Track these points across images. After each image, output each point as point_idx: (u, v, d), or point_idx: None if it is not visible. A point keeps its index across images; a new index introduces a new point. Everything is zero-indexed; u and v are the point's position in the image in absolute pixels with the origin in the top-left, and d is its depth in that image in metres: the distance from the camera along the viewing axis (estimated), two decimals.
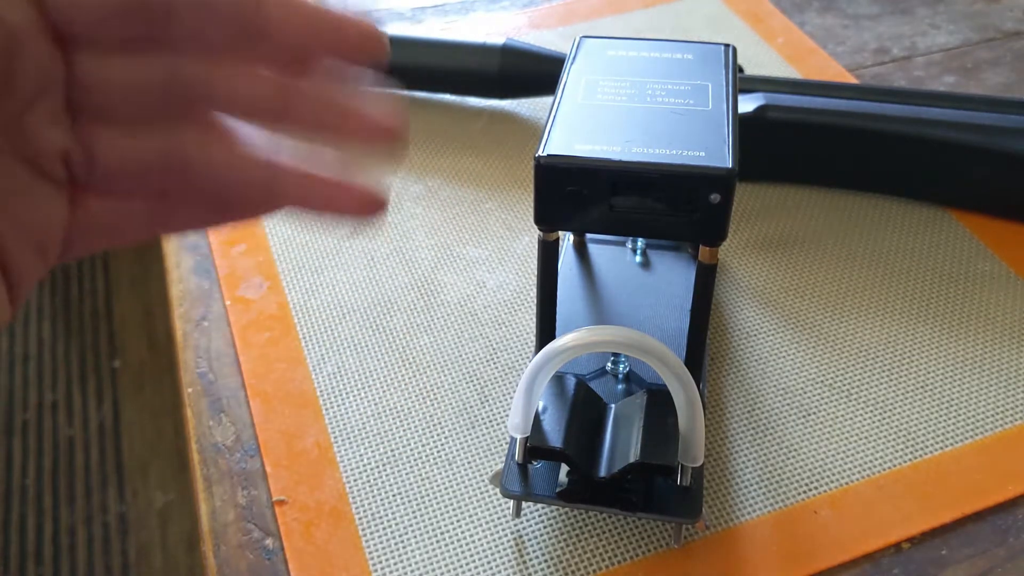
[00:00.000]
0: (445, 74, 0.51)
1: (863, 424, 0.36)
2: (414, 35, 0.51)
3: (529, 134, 0.51)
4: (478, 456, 0.35)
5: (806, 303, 0.41)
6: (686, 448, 0.29)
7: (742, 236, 0.44)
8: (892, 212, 0.45)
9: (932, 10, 0.60)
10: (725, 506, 0.33)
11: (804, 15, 0.60)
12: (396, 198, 0.47)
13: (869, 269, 0.43)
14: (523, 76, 0.49)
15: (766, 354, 0.39)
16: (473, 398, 0.37)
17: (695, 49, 0.35)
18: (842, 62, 0.55)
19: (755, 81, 0.46)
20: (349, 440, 0.36)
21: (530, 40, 0.57)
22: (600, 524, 0.33)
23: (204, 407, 0.38)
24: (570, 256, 0.40)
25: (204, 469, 0.35)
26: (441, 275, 0.43)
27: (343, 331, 0.40)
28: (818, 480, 0.34)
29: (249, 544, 0.33)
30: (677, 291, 0.38)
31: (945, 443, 0.35)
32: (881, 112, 0.43)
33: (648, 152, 0.29)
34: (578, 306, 0.37)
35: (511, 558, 0.32)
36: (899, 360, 0.39)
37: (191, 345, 0.40)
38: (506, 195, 0.47)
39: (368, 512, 0.34)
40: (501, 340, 0.40)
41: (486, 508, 0.34)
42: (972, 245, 0.43)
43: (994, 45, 0.57)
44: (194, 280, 0.43)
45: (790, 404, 0.37)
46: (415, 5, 0.61)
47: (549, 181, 0.29)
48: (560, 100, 0.32)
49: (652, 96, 0.32)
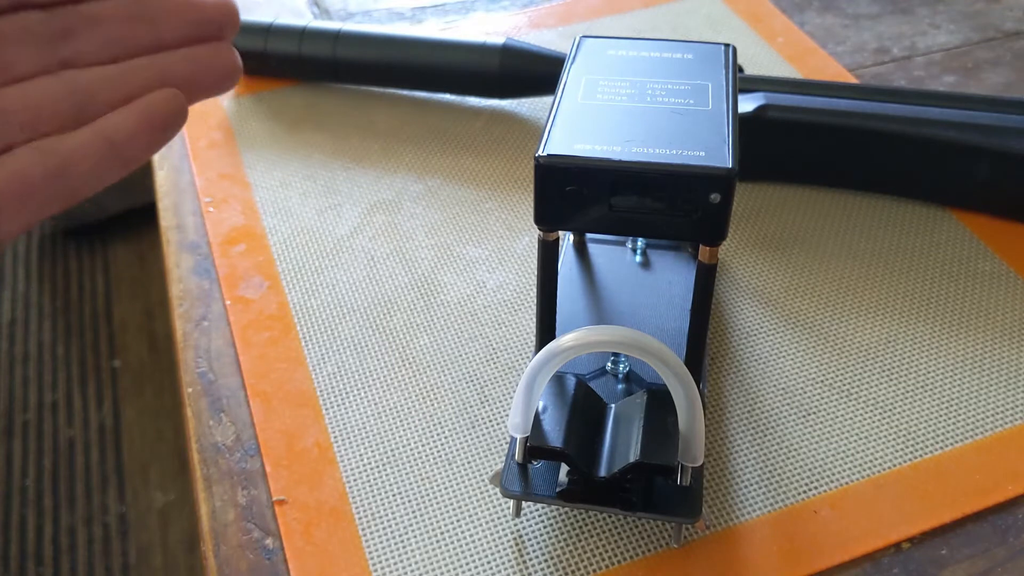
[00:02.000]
0: (445, 74, 0.51)
1: (863, 424, 0.36)
2: (414, 35, 0.51)
3: (529, 134, 0.51)
4: (478, 456, 0.35)
5: (806, 302, 0.41)
6: (686, 448, 0.29)
7: (742, 236, 0.44)
8: (892, 212, 0.45)
9: (932, 10, 0.60)
10: (725, 506, 0.33)
11: (804, 15, 0.60)
12: (396, 198, 0.47)
13: (869, 268, 0.43)
14: (523, 76, 0.49)
15: (766, 354, 0.39)
16: (473, 398, 0.37)
17: (695, 49, 0.35)
18: (842, 62, 0.55)
19: (755, 81, 0.46)
20: (349, 440, 0.36)
21: (530, 40, 0.57)
22: (600, 524, 0.33)
23: (204, 407, 0.38)
24: (570, 256, 0.40)
25: (204, 469, 0.35)
26: (441, 275, 0.43)
27: (343, 331, 0.40)
28: (818, 480, 0.34)
29: (249, 544, 0.33)
30: (677, 291, 0.38)
31: (945, 443, 0.35)
32: (881, 112, 0.43)
33: (648, 152, 0.29)
34: (578, 306, 0.37)
35: (511, 558, 0.32)
36: (899, 360, 0.39)
37: (191, 345, 0.40)
38: (506, 195, 0.47)
39: (368, 512, 0.34)
40: (501, 340, 0.40)
41: (486, 508, 0.34)
42: (972, 244, 0.43)
43: (994, 45, 0.57)
44: (194, 280, 0.43)
45: (790, 404, 0.37)
46: (415, 5, 0.61)
47: (549, 181, 0.29)
48: (560, 100, 0.32)
49: (652, 96, 0.32)
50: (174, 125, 0.28)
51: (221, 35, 0.29)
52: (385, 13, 0.61)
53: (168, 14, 0.28)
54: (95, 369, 1.34)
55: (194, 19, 0.28)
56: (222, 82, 0.29)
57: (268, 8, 0.62)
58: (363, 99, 0.53)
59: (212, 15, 0.28)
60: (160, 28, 0.28)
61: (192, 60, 0.28)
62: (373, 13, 0.61)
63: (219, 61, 0.29)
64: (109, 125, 0.27)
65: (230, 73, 0.29)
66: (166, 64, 0.28)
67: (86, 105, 0.27)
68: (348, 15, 0.61)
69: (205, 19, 0.28)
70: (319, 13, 0.62)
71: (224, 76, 0.29)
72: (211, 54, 0.28)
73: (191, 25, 0.28)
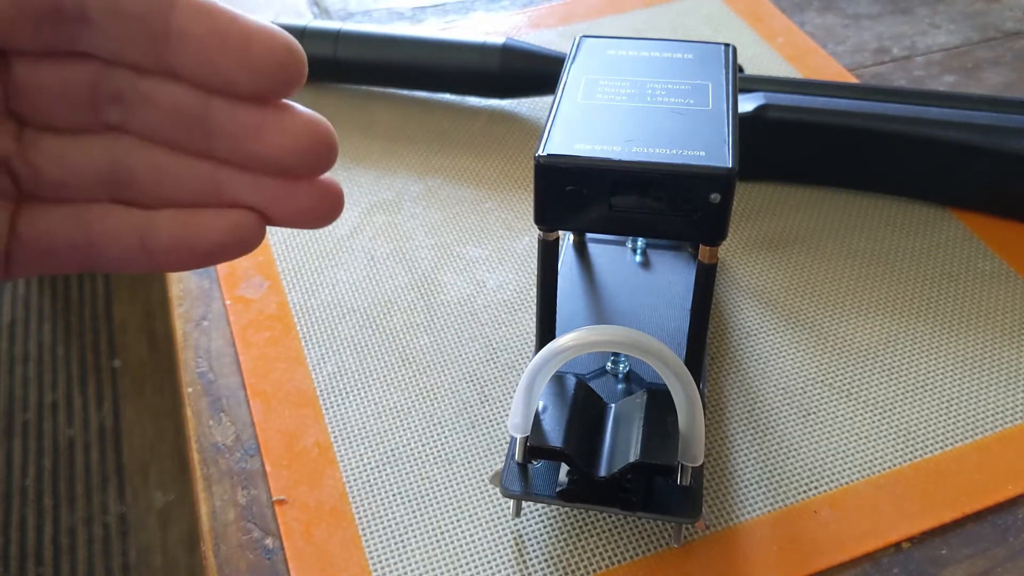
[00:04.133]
0: (445, 74, 0.51)
1: (863, 424, 0.36)
2: (414, 35, 0.51)
3: (529, 134, 0.51)
4: (478, 456, 0.35)
5: (806, 302, 0.41)
6: (686, 448, 0.29)
7: (742, 236, 0.44)
8: (892, 211, 0.45)
9: (932, 9, 0.60)
10: (725, 506, 0.33)
11: (804, 15, 0.60)
12: (396, 198, 0.47)
13: (869, 268, 0.43)
14: (523, 76, 0.49)
15: (766, 354, 0.39)
16: (473, 398, 0.37)
17: (695, 49, 0.35)
18: (842, 62, 0.55)
19: (755, 81, 0.46)
20: (349, 440, 0.36)
21: (530, 40, 0.57)
22: (600, 524, 0.33)
23: (204, 407, 0.38)
24: (570, 256, 0.40)
25: (204, 469, 0.35)
26: (441, 275, 0.43)
27: (343, 331, 0.40)
28: (818, 480, 0.34)
29: (249, 544, 0.33)
30: (677, 291, 0.38)
31: (945, 443, 0.35)
32: (881, 112, 0.43)
33: (648, 152, 0.29)
34: (578, 306, 0.37)
35: (511, 558, 0.32)
36: (899, 359, 0.39)
37: (191, 345, 0.40)
38: (506, 195, 0.47)
39: (368, 512, 0.34)
40: (501, 340, 0.40)
41: (486, 508, 0.34)
42: (972, 244, 0.43)
43: (994, 45, 0.57)
44: (194, 280, 0.43)
45: (790, 404, 0.37)
46: (415, 5, 0.61)
47: (549, 181, 0.29)
48: (560, 100, 0.32)
49: (652, 96, 0.32)
50: (222, 256, 0.24)
51: (294, 175, 0.24)
52: (385, 13, 0.61)
53: (225, 133, 0.23)
54: (95, 369, 1.34)
55: (253, 152, 0.23)
56: (298, 219, 0.24)
57: (268, 8, 0.62)
58: (363, 99, 0.53)
59: (276, 153, 0.23)
60: (213, 143, 0.23)
61: (261, 187, 0.24)
62: (373, 13, 0.61)
63: (296, 198, 0.24)
64: (150, 225, 0.24)
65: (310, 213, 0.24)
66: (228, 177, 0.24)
67: (125, 181, 0.24)
68: (348, 15, 0.61)
69: (267, 156, 0.23)
70: (319, 13, 0.62)
71: (297, 215, 0.24)
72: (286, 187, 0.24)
73: (249, 157, 0.23)
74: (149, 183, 0.24)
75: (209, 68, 0.22)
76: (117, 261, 0.25)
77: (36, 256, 0.24)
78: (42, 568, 1.11)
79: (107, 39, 0.22)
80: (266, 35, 0.22)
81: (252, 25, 0.22)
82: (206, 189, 0.24)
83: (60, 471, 1.21)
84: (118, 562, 1.12)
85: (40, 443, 1.24)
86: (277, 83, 0.22)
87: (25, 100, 0.23)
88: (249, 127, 0.23)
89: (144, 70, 0.23)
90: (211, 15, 0.22)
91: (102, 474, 1.21)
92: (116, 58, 0.23)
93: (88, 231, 0.24)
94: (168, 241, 0.24)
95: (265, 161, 0.23)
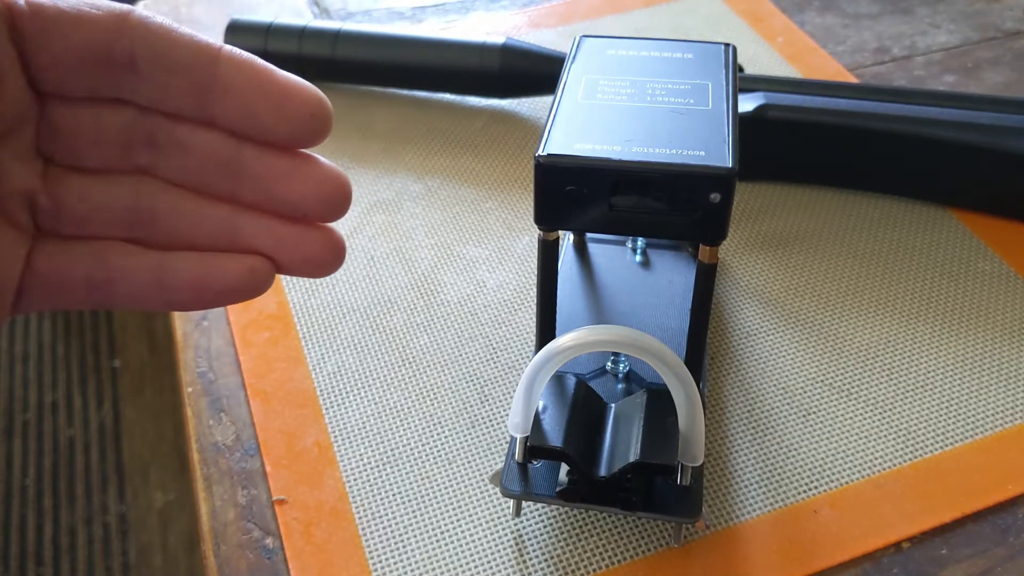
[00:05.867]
0: (445, 74, 0.51)
1: (863, 424, 0.36)
2: (414, 35, 0.51)
3: (529, 134, 0.51)
4: (478, 456, 0.35)
5: (806, 302, 0.41)
6: (686, 447, 0.29)
7: (742, 235, 0.44)
8: (892, 211, 0.45)
9: (932, 9, 0.60)
10: (725, 506, 0.33)
11: (804, 14, 0.60)
12: (396, 198, 0.47)
13: (869, 268, 0.43)
14: (523, 76, 0.49)
15: (766, 353, 0.39)
16: (473, 398, 0.37)
17: (695, 48, 0.35)
18: (842, 61, 0.55)
19: (755, 81, 0.46)
20: (349, 440, 0.36)
21: (530, 40, 0.57)
22: (600, 524, 0.33)
23: (204, 407, 0.38)
24: (570, 256, 0.40)
25: (204, 469, 0.35)
26: (441, 275, 0.43)
27: (343, 331, 0.40)
28: (818, 480, 0.34)
29: (249, 544, 0.33)
30: (677, 291, 0.38)
31: (945, 443, 0.35)
32: (881, 111, 0.43)
33: (648, 151, 0.29)
34: (578, 306, 0.37)
35: (511, 558, 0.32)
36: (899, 359, 0.39)
37: (191, 345, 0.40)
38: (506, 195, 0.47)
39: (368, 512, 0.34)
40: (501, 340, 0.40)
41: (486, 508, 0.34)
42: (972, 244, 0.43)
43: (994, 44, 0.57)
44: None
45: (790, 404, 0.37)
46: (415, 5, 0.61)
47: (549, 181, 0.29)
48: (560, 99, 0.32)
49: (652, 95, 0.32)
50: (235, 298, 0.25)
51: (312, 221, 0.25)
52: (385, 13, 0.61)
53: (254, 178, 0.24)
54: (95, 369, 1.34)
55: (279, 196, 0.25)
56: (304, 267, 0.25)
57: (268, 8, 0.62)
58: (363, 99, 0.53)
59: (300, 198, 0.24)
60: (240, 187, 0.25)
61: (275, 233, 0.25)
62: (373, 13, 0.61)
63: (305, 246, 0.25)
64: (166, 265, 0.25)
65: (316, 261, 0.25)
66: (245, 222, 0.25)
67: (144, 222, 0.25)
68: (348, 15, 0.61)
69: (292, 200, 0.25)
70: (319, 13, 0.62)
71: (304, 263, 0.25)
72: (297, 234, 0.25)
73: (275, 202, 0.25)
74: (169, 225, 0.25)
75: (249, 117, 0.24)
76: (132, 298, 0.25)
77: (50, 290, 0.24)
78: (42, 568, 1.11)
79: (151, 88, 0.23)
80: (301, 88, 0.24)
81: (289, 79, 0.24)
82: (223, 233, 0.25)
83: (60, 471, 1.21)
84: (118, 562, 1.12)
85: (40, 443, 1.24)
86: (308, 133, 0.24)
87: (59, 142, 0.24)
88: (279, 172, 0.24)
89: (180, 117, 0.24)
90: (252, 68, 0.23)
91: (102, 474, 1.21)
92: (156, 105, 0.24)
93: (106, 268, 0.25)
94: (185, 281, 0.25)
95: (288, 205, 0.25)
